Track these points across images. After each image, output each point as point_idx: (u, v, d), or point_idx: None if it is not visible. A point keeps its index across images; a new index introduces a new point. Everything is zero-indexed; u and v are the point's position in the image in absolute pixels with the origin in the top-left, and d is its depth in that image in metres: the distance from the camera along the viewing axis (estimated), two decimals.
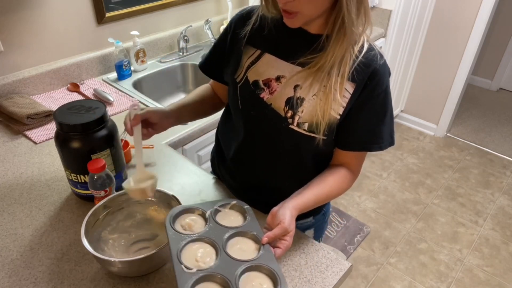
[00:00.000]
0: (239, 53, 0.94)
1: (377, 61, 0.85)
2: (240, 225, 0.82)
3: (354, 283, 2.02)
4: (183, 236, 0.77)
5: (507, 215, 2.45)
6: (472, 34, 2.67)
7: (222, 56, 0.99)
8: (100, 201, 0.90)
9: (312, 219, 1.12)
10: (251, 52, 0.92)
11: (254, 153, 1.00)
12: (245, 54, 0.93)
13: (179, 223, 0.81)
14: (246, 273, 0.72)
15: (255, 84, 0.91)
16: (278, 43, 0.89)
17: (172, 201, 0.91)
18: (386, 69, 0.87)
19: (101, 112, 0.96)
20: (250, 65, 0.91)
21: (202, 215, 0.84)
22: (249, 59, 0.92)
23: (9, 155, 1.24)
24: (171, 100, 1.90)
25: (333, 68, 0.81)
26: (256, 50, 0.91)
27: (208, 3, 2.07)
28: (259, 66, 0.90)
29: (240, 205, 0.86)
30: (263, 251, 0.75)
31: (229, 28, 0.97)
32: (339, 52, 0.80)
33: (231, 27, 0.96)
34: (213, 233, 0.79)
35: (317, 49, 0.83)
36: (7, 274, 0.86)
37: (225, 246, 0.76)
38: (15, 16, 1.43)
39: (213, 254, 0.75)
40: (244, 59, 0.93)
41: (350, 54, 0.81)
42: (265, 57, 0.90)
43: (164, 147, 1.30)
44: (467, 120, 3.37)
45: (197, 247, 0.76)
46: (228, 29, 0.97)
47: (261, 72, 0.90)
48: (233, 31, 0.95)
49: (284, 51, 0.88)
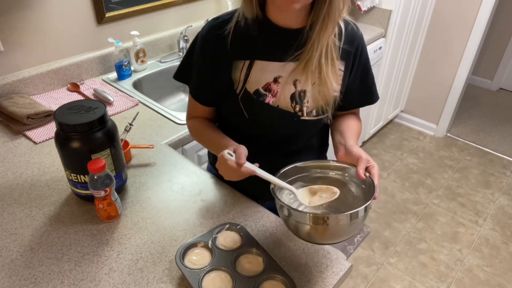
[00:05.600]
0: (227, 69, 0.91)
1: (357, 33, 0.93)
2: (240, 244, 0.89)
3: (354, 283, 2.02)
4: (198, 271, 0.83)
5: (507, 215, 2.45)
6: (472, 34, 2.67)
7: (210, 82, 0.95)
8: (99, 201, 0.89)
9: None
10: (241, 65, 0.90)
11: (267, 151, 1.01)
12: (235, 69, 0.91)
13: (188, 260, 0.86)
14: (262, 284, 0.81)
15: (256, 93, 0.91)
16: (264, 47, 0.89)
17: None
18: (361, 34, 0.95)
19: (101, 112, 0.96)
20: (246, 77, 0.90)
21: (205, 246, 0.89)
22: (242, 72, 0.90)
23: (9, 155, 1.24)
24: (171, 100, 1.90)
25: (322, 56, 0.85)
26: (244, 61, 0.90)
27: (208, 3, 2.07)
28: (254, 75, 0.90)
29: (232, 226, 0.94)
30: (268, 262, 0.85)
31: (204, 52, 0.92)
32: (324, 41, 0.83)
33: (206, 50, 0.91)
34: (222, 259, 0.86)
35: (302, 42, 0.85)
36: (7, 274, 0.86)
37: (235, 266, 0.84)
38: (15, 16, 1.43)
39: (228, 277, 0.82)
40: (237, 73, 0.91)
41: (333, 38, 0.86)
42: (256, 65, 0.89)
43: (164, 147, 1.30)
44: (467, 120, 3.37)
45: (213, 276, 0.82)
46: (203, 53, 0.92)
47: (258, 80, 0.90)
48: (211, 52, 0.91)
49: (273, 53, 0.88)
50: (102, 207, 0.96)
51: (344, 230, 0.76)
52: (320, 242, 0.81)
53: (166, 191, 1.11)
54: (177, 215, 1.03)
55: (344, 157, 0.90)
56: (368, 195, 0.80)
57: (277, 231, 0.98)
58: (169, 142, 1.33)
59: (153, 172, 1.18)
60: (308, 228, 0.76)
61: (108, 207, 0.97)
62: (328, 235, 0.77)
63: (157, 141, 1.32)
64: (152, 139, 1.34)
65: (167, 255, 0.91)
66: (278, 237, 0.97)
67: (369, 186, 0.82)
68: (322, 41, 0.83)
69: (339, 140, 0.95)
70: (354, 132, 0.99)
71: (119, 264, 0.89)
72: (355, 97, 1.01)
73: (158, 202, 1.07)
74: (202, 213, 1.03)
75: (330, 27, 0.81)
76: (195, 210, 1.04)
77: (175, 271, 0.87)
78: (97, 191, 0.93)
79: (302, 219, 0.76)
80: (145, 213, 1.03)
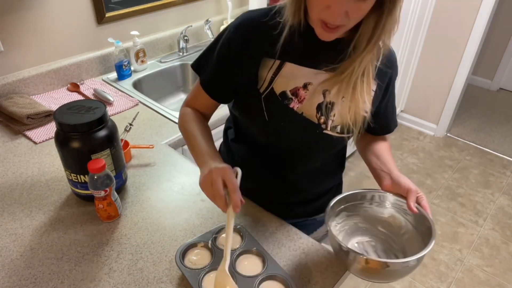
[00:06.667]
0: (254, 66, 0.86)
1: (394, 55, 0.91)
2: (241, 244, 0.89)
3: (354, 283, 2.02)
4: (198, 271, 0.82)
5: (507, 215, 2.45)
6: (472, 34, 2.67)
7: (229, 75, 0.90)
8: (99, 201, 0.89)
9: None
10: (270, 64, 0.85)
11: (281, 160, 0.98)
12: (263, 66, 0.85)
13: (188, 260, 0.86)
14: (262, 284, 0.81)
15: (282, 95, 0.86)
16: (298, 51, 0.83)
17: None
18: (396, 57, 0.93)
19: (101, 112, 0.96)
20: (274, 76, 0.85)
21: (205, 246, 0.89)
22: (270, 71, 0.85)
23: (9, 155, 1.24)
24: (171, 100, 1.90)
25: (360, 74, 0.81)
26: (275, 60, 0.84)
27: (208, 3, 2.07)
28: (283, 76, 0.85)
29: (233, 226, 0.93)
30: (268, 262, 0.84)
31: (233, 43, 0.86)
32: (368, 59, 0.79)
33: (235, 42, 0.86)
34: (221, 260, 0.84)
35: (340, 54, 0.81)
36: (7, 274, 0.86)
37: (235, 266, 0.84)
38: (15, 16, 1.43)
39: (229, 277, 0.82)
40: (264, 71, 0.85)
41: (376, 58, 0.83)
42: (286, 66, 0.84)
43: (164, 147, 1.30)
44: (467, 120, 3.37)
45: (213, 276, 0.81)
46: (231, 44, 0.86)
47: (287, 82, 0.85)
48: (241, 44, 0.85)
49: (307, 58, 0.84)
50: (102, 207, 0.96)
51: (404, 272, 0.76)
52: (375, 281, 0.82)
53: (166, 191, 1.11)
54: (177, 215, 1.03)
55: (390, 187, 0.88)
56: (422, 227, 0.82)
57: (277, 231, 0.98)
58: (169, 142, 1.33)
59: (153, 172, 1.18)
60: (371, 270, 0.76)
61: (108, 207, 0.97)
62: (387, 276, 0.77)
63: (157, 141, 1.32)
64: (152, 139, 1.34)
65: (167, 255, 0.91)
66: (278, 237, 0.97)
67: (422, 219, 0.82)
68: (367, 59, 0.79)
69: (379, 166, 0.93)
70: (392, 157, 0.97)
71: (119, 264, 0.89)
72: (381, 122, 0.99)
73: (158, 202, 1.07)
74: (202, 213, 1.03)
75: (376, 49, 0.79)
76: (195, 210, 1.04)
77: (175, 271, 0.87)
78: (97, 191, 0.93)
79: (362, 261, 0.75)
80: (145, 213, 1.03)
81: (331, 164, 1.05)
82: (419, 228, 0.84)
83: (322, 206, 1.09)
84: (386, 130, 1.03)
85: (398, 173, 0.89)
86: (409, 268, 0.75)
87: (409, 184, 0.85)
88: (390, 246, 0.88)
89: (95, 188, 0.93)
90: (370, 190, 0.89)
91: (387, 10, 0.72)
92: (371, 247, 0.88)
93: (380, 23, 0.74)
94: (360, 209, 0.91)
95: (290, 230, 0.99)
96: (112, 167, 1.01)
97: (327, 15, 0.71)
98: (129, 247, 0.93)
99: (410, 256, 0.73)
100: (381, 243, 0.89)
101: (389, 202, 0.89)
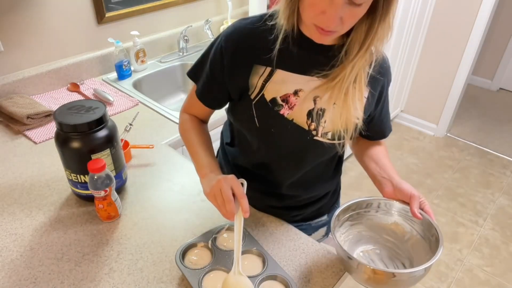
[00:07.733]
0: (246, 73, 0.86)
1: (387, 62, 0.89)
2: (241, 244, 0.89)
3: (355, 283, 2.02)
4: (198, 271, 0.82)
5: (507, 215, 2.45)
6: (472, 34, 2.67)
7: (221, 83, 0.90)
8: (99, 201, 0.89)
9: (326, 217, 1.14)
10: (261, 71, 0.85)
11: (273, 166, 0.97)
12: (254, 73, 0.85)
13: (188, 260, 0.86)
14: (262, 283, 0.82)
15: (273, 101, 0.85)
16: (290, 58, 0.83)
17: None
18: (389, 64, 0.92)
19: (101, 112, 0.96)
20: (264, 83, 0.85)
21: (205, 246, 0.89)
22: (261, 78, 0.85)
23: (9, 155, 1.24)
24: (171, 100, 1.90)
25: (352, 81, 0.81)
26: (266, 67, 0.84)
27: (208, 3, 2.07)
28: (274, 83, 0.85)
29: (232, 226, 0.92)
30: (268, 262, 0.85)
31: (225, 51, 0.86)
32: (360, 65, 0.79)
33: (227, 50, 0.86)
34: (222, 260, 0.85)
35: (332, 61, 0.81)
36: (7, 274, 0.86)
37: None
38: (15, 16, 1.43)
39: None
40: (255, 78, 0.85)
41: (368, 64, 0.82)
42: (277, 73, 0.84)
43: (164, 147, 1.30)
44: (467, 120, 3.37)
45: (213, 276, 0.82)
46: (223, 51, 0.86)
47: (278, 89, 0.85)
48: (233, 52, 0.86)
49: (297, 65, 0.83)
50: (102, 207, 0.96)
51: (411, 281, 0.76)
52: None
53: (166, 191, 1.11)
54: (177, 215, 1.03)
55: (392, 194, 0.88)
56: (428, 234, 0.82)
57: (277, 231, 0.98)
58: (169, 142, 1.33)
59: (153, 172, 1.18)
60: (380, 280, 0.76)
61: (108, 207, 0.97)
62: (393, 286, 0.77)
63: (157, 141, 1.32)
64: (152, 139, 1.34)
65: (167, 255, 0.91)
66: (278, 237, 0.97)
67: (428, 226, 0.82)
68: (359, 65, 0.79)
69: (378, 171, 0.94)
70: (390, 161, 0.97)
71: (119, 264, 0.89)
72: (376, 128, 0.99)
73: (158, 202, 1.07)
74: (202, 213, 1.03)
75: (368, 54, 0.78)
76: (195, 210, 1.04)
77: (175, 271, 0.87)
78: (97, 191, 0.93)
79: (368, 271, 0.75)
80: (145, 213, 1.03)
81: (325, 169, 1.04)
82: (425, 234, 0.84)
83: (318, 211, 1.11)
84: (380, 135, 1.03)
85: (399, 179, 0.89)
86: (416, 278, 0.75)
87: (411, 190, 0.85)
88: (395, 253, 0.88)
89: (95, 188, 0.93)
90: (375, 198, 0.90)
91: (380, 16, 0.72)
92: (376, 255, 0.88)
93: (373, 29, 0.74)
94: (363, 218, 0.91)
95: (290, 230, 0.99)
96: (112, 167, 1.01)
97: (322, 20, 0.70)
98: (129, 247, 0.93)
99: (417, 264, 0.72)
100: (386, 251, 0.89)
101: (395, 209, 0.89)
